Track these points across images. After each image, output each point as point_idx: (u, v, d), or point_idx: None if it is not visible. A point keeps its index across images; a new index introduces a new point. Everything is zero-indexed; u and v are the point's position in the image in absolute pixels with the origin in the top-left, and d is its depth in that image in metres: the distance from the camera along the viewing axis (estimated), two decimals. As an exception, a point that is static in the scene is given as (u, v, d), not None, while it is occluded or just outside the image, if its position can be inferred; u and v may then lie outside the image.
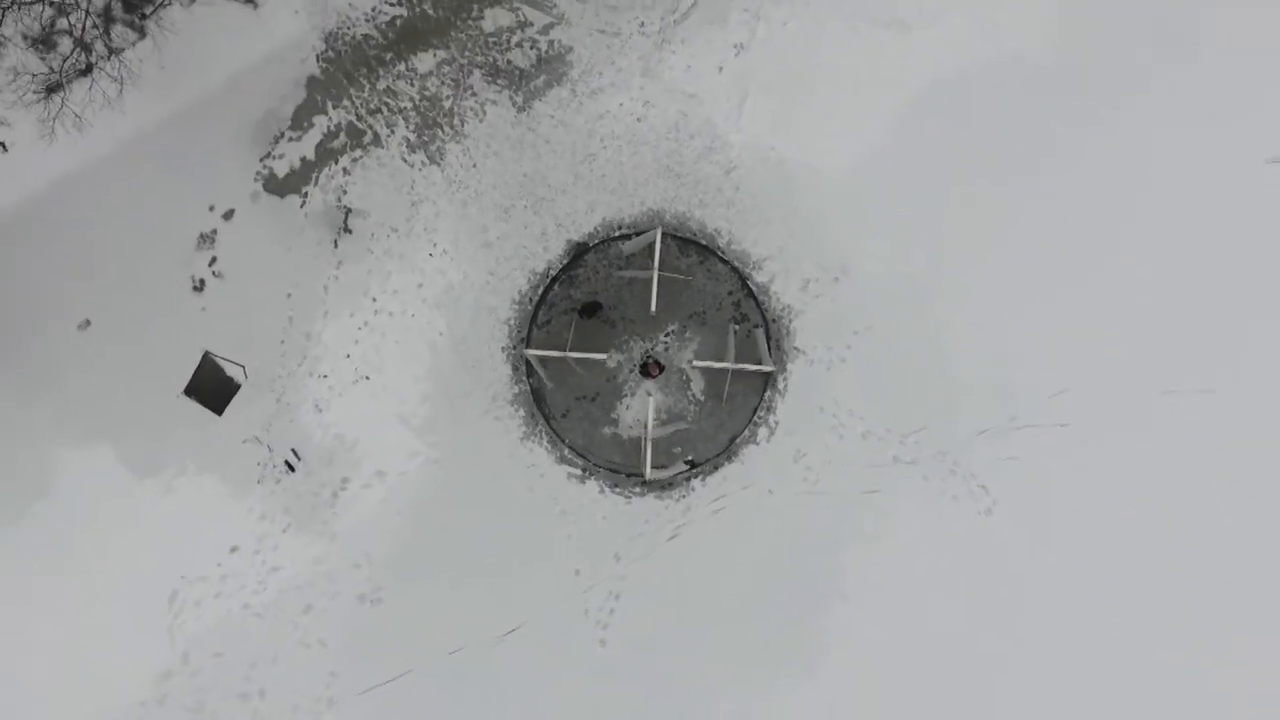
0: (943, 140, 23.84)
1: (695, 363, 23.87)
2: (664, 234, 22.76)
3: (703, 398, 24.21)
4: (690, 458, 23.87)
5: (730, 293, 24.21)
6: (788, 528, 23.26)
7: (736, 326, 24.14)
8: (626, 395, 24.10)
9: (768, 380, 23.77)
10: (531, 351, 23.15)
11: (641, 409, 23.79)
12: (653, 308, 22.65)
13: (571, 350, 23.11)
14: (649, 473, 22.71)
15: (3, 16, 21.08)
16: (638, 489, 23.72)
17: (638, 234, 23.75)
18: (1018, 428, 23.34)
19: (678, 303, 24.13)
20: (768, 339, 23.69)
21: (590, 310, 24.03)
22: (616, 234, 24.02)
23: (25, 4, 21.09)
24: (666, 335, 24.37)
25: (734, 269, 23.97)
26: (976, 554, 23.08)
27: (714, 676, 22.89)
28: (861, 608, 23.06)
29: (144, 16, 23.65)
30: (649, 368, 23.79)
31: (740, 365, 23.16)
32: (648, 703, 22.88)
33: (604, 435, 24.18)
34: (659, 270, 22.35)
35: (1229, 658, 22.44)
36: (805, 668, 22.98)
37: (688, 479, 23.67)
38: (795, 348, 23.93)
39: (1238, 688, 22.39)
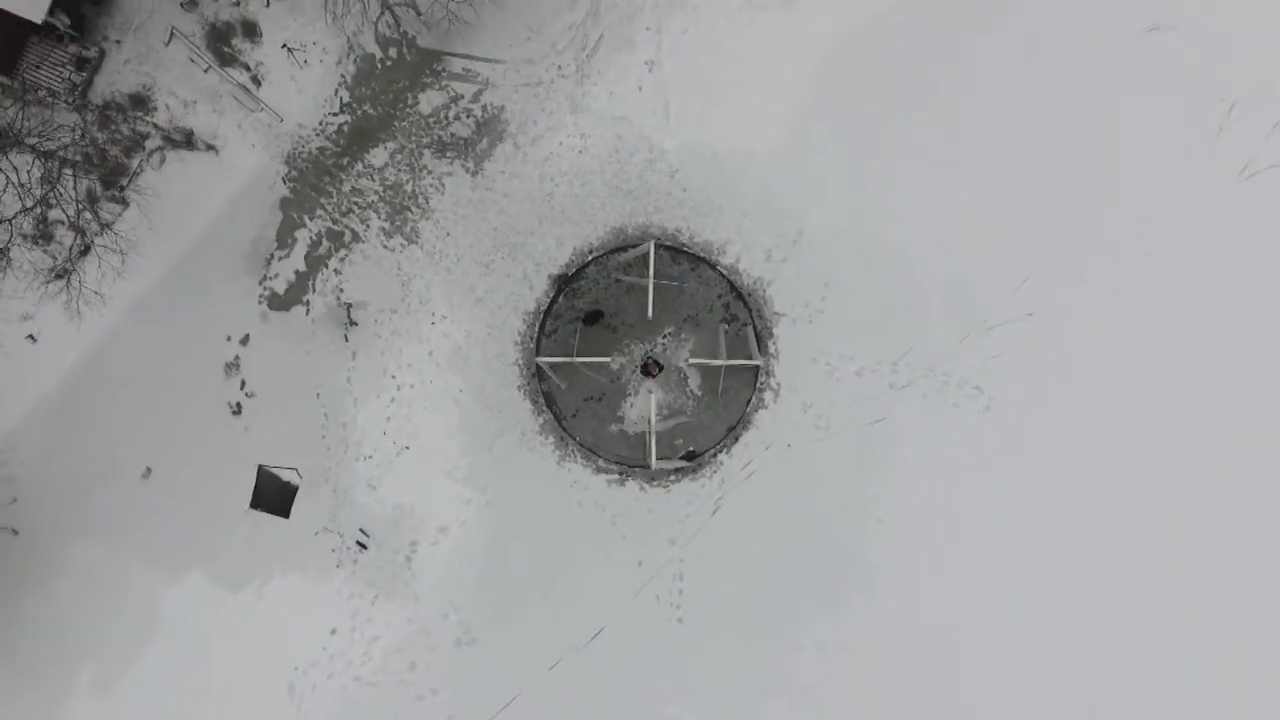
0: (852, 90, 25.86)
1: (691, 361, 26.13)
2: (656, 245, 25.02)
3: (700, 393, 26.41)
4: (691, 448, 26.08)
5: (720, 296, 26.35)
6: (813, 473, 25.37)
7: (726, 326, 26.33)
8: (630, 394, 26.37)
9: (757, 373, 25.92)
10: (543, 359, 25.48)
11: (644, 406, 26.06)
12: (650, 313, 24.73)
13: (578, 355, 25.56)
14: (654, 463, 24.88)
15: (10, 236, 23.49)
16: (673, 477, 25.90)
17: (631, 247, 26.06)
18: (992, 326, 25.38)
19: (672, 307, 26.31)
20: (755, 336, 25.86)
21: (593, 318, 26.31)
22: (589, 260, 26.24)
23: (26, 210, 23.49)
24: (664, 337, 26.56)
25: (712, 267, 26.15)
26: (986, 449, 25.10)
27: (786, 620, 25.00)
28: (898, 526, 25.12)
29: (123, 188, 26.11)
30: (649, 368, 26.00)
31: (732, 362, 25.41)
32: (734, 661, 25.00)
33: (611, 432, 26.39)
34: (654, 279, 24.51)
35: (1226, 486, 24.55)
36: (865, 591, 25.05)
37: (697, 466, 25.89)
38: (776, 313, 26.06)
39: (1224, 504, 24.55)
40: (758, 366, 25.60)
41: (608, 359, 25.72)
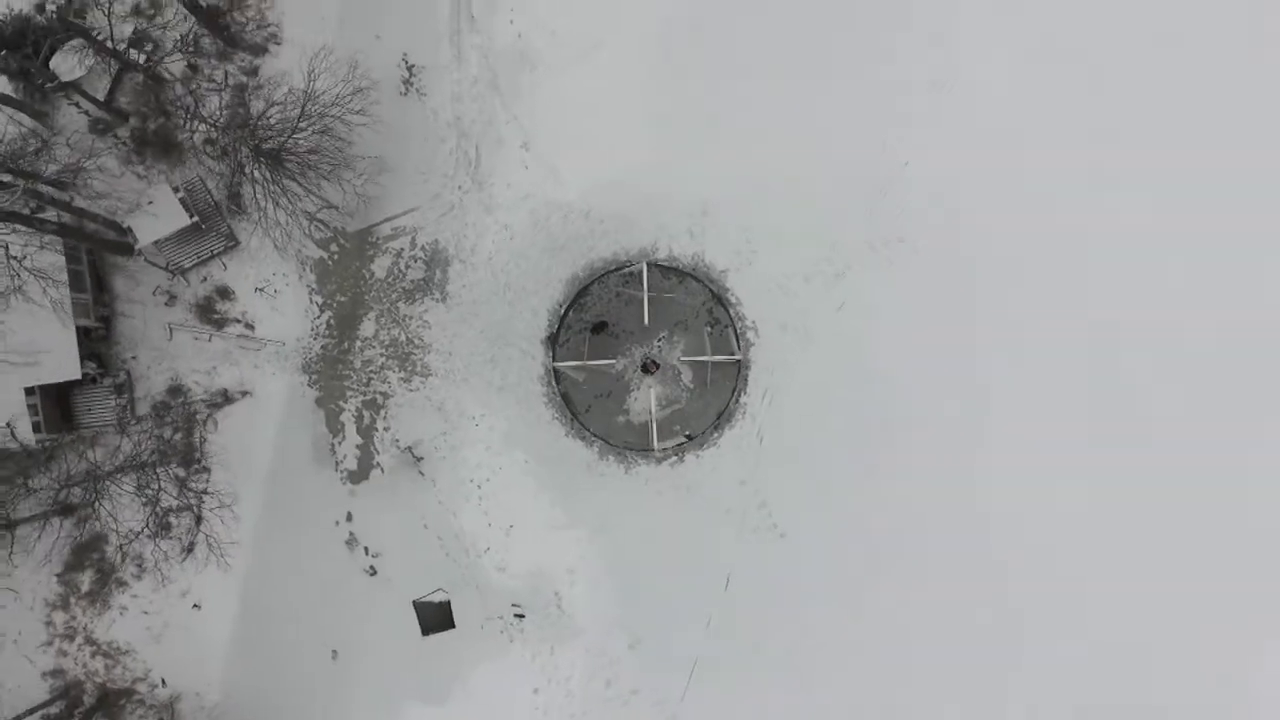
0: (676, 81, 30.61)
1: (683, 359, 31.16)
2: (648, 264, 30.31)
3: (692, 385, 31.39)
4: (688, 431, 31.02)
5: (704, 303, 31.26)
6: (817, 371, 30.08)
7: (710, 328, 31.28)
8: (633, 390, 31.43)
9: (739, 366, 30.69)
10: (559, 364, 30.68)
11: (646, 399, 31.08)
12: (646, 321, 29.96)
13: (588, 360, 30.75)
14: (657, 446, 29.89)
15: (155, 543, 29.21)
16: (716, 434, 30.74)
17: (629, 264, 30.96)
18: (884, 189, 30.00)
19: (665, 315, 31.21)
20: (735, 335, 30.75)
21: (599, 328, 31.42)
22: (566, 309, 31.25)
23: (152, 516, 28.89)
24: (659, 340, 31.46)
25: (696, 279, 31.06)
26: (934, 281, 29.71)
27: (861, 486, 29.56)
28: (902, 371, 29.65)
29: (199, 460, 31.36)
30: (648, 366, 31.09)
31: (716, 357, 30.53)
32: (841, 539, 29.61)
33: (619, 423, 31.45)
34: (648, 291, 29.76)
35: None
36: (904, 430, 29.59)
37: (691, 442, 30.80)
38: (722, 271, 30.88)
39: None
40: (739, 360, 30.56)
41: (613, 361, 30.89)
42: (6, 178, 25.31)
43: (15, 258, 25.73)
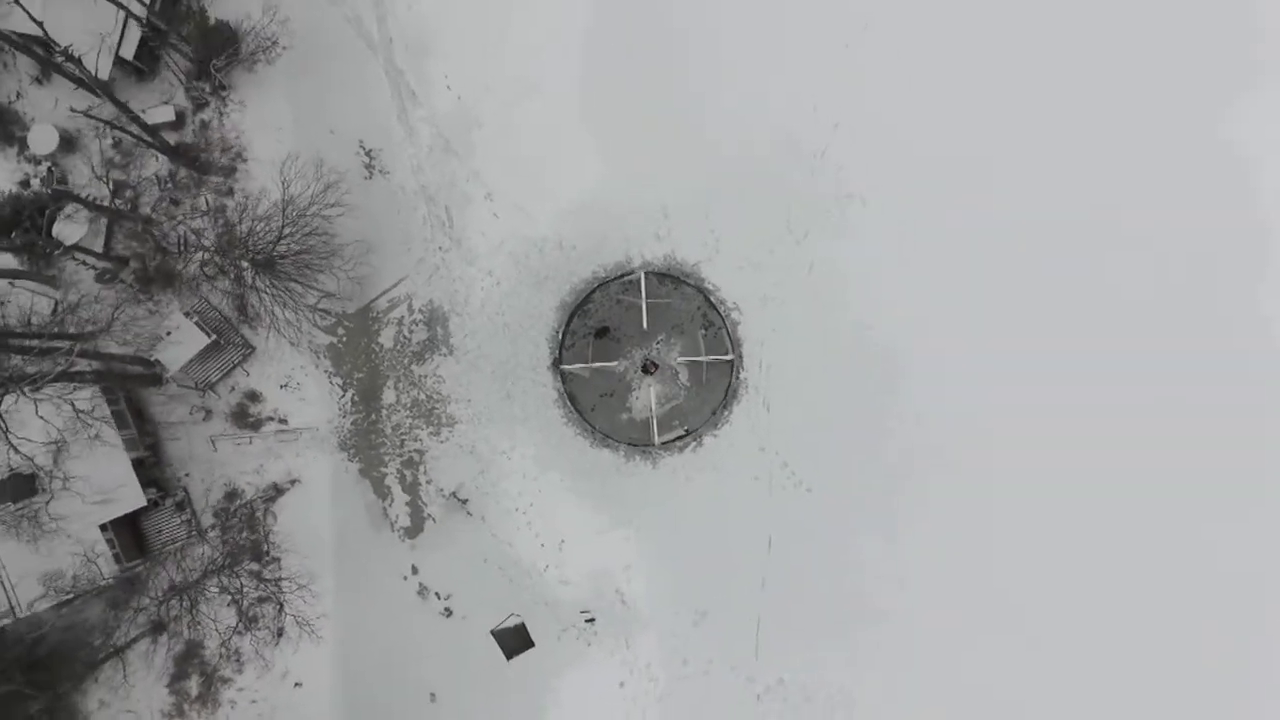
0: (614, 99, 33.06)
1: (680, 359, 33.54)
2: (646, 273, 32.72)
3: (689, 383, 33.79)
4: (686, 426, 33.37)
5: (698, 307, 33.64)
6: (804, 333, 32.41)
7: (704, 331, 33.67)
8: (634, 389, 33.83)
9: (732, 365, 33.06)
10: (566, 366, 33.18)
11: (646, 397, 33.45)
12: (644, 325, 32.34)
13: (592, 362, 33.21)
14: (657, 440, 32.26)
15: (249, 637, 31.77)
16: (726, 413, 33.08)
17: (628, 273, 33.34)
18: (822, 152, 32.33)
19: (662, 319, 33.61)
20: (728, 337, 33.12)
21: (601, 333, 33.84)
22: (567, 322, 33.68)
23: (241, 615, 31.39)
24: (657, 343, 33.82)
25: (690, 285, 33.45)
26: (893, 226, 32.07)
27: (878, 423, 31.94)
28: (882, 316, 31.99)
29: (268, 551, 33.90)
30: (648, 367, 33.46)
31: (710, 357, 32.90)
32: (866, 481, 31.94)
33: (622, 420, 33.87)
34: (645, 298, 32.18)
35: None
36: (897, 369, 31.91)
37: (688, 436, 33.16)
38: (695, 264, 33.22)
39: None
40: (731, 360, 32.94)
41: (615, 363, 33.38)
42: (54, 344, 27.93)
43: (83, 411, 28.54)
